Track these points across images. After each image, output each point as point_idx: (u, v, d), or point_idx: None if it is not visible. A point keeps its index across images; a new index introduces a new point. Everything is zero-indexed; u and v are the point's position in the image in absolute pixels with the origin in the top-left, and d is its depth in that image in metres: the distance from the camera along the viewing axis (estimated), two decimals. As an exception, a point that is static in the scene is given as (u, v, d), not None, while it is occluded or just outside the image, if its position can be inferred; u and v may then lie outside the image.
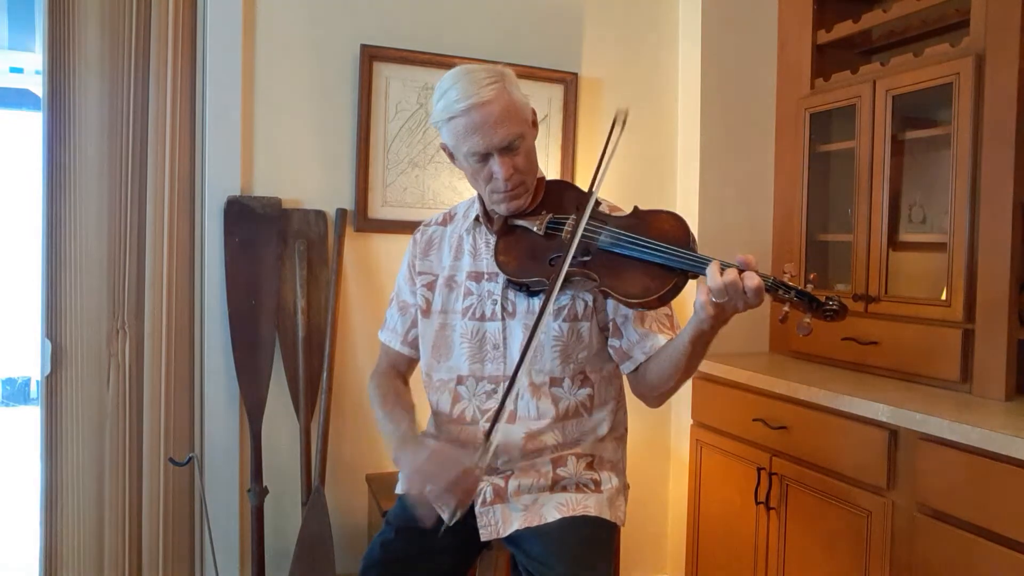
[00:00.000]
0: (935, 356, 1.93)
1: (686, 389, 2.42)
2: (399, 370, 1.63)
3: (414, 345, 1.59)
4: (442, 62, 2.33)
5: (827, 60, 2.37)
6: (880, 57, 2.37)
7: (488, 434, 1.31)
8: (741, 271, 1.19)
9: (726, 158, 2.55)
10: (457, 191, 2.38)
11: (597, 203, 1.43)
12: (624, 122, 1.35)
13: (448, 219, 1.61)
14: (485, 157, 1.38)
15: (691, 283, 1.32)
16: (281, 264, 2.19)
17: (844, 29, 2.27)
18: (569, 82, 2.47)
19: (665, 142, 2.64)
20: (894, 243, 2.10)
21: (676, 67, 2.65)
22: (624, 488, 1.55)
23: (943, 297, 1.92)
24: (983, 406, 1.73)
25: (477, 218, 1.53)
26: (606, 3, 2.56)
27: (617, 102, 2.56)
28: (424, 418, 1.60)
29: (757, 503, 2.09)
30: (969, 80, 1.83)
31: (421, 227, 1.63)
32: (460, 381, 1.49)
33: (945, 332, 1.90)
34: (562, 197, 1.49)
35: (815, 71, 2.37)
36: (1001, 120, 1.78)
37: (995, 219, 1.80)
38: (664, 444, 2.67)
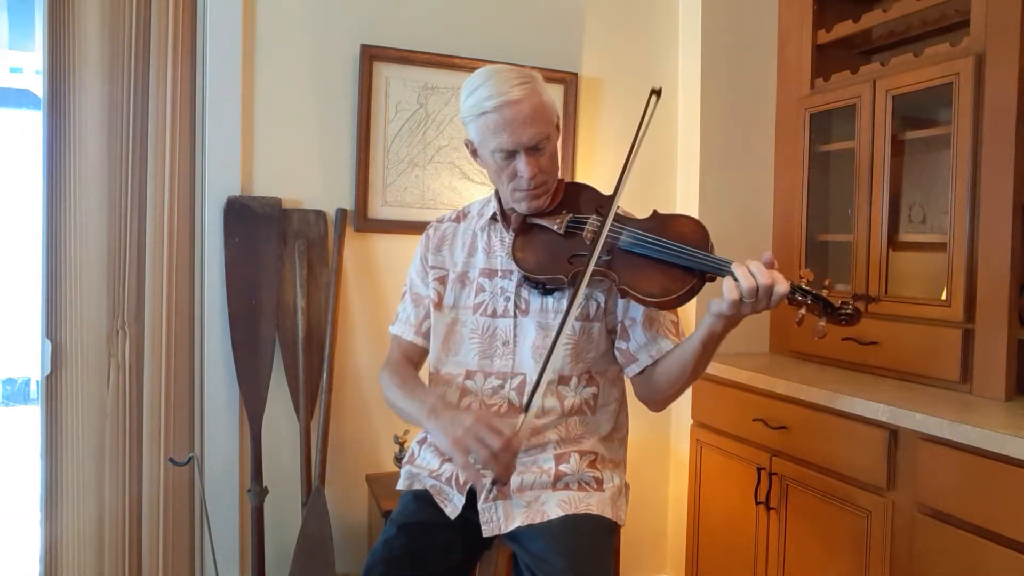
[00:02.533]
0: (935, 356, 1.93)
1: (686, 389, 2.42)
2: (412, 360, 1.62)
3: (428, 336, 1.59)
4: (442, 62, 2.33)
5: (827, 60, 2.37)
6: (880, 57, 2.36)
7: (527, 405, 1.33)
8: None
9: (726, 158, 2.55)
10: (457, 191, 2.38)
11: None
12: (659, 94, 1.38)
13: (461, 217, 1.63)
14: (511, 155, 1.41)
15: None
16: (281, 264, 2.19)
17: (844, 29, 2.27)
18: (569, 82, 2.47)
19: (665, 142, 2.64)
20: (894, 243, 2.10)
21: (676, 67, 2.65)
22: (625, 488, 1.55)
23: (943, 297, 1.92)
24: (983, 406, 1.73)
25: (493, 216, 1.55)
26: (606, 3, 2.56)
27: (617, 102, 2.57)
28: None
29: (757, 503, 2.09)
30: (969, 80, 1.83)
31: (434, 223, 1.65)
32: (468, 376, 1.50)
33: (945, 332, 1.90)
34: (580, 198, 1.52)
35: (815, 71, 2.37)
36: (1001, 120, 1.78)
37: (995, 219, 1.80)
38: (664, 444, 2.67)
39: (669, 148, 2.65)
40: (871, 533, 1.77)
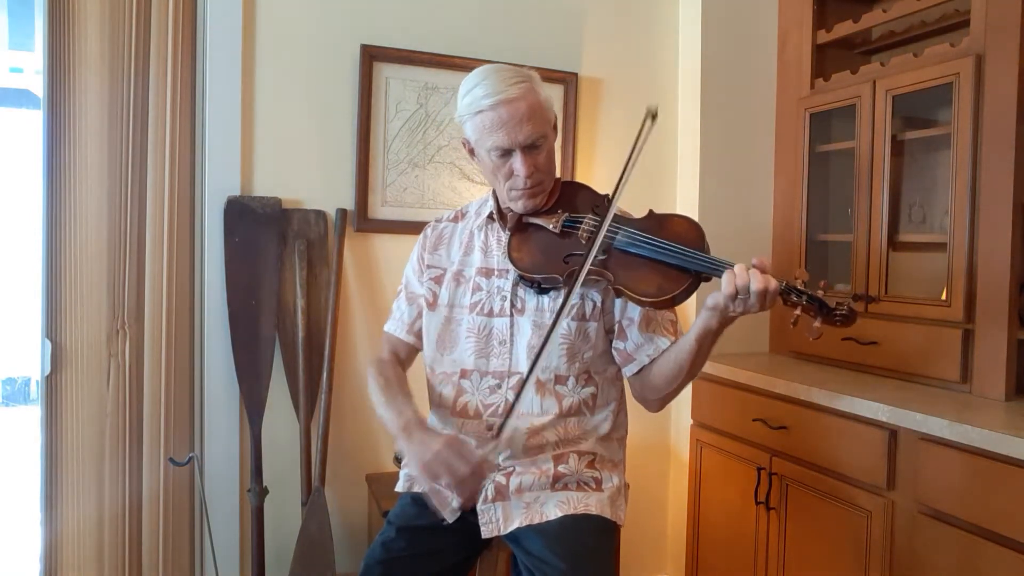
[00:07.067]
0: (935, 356, 1.93)
1: (686, 389, 2.41)
2: (400, 357, 1.64)
3: (418, 335, 1.60)
4: (442, 62, 2.33)
5: (827, 60, 2.37)
6: (880, 57, 2.37)
7: (499, 429, 1.34)
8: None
9: (726, 158, 2.55)
10: (457, 191, 2.38)
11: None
12: (655, 117, 1.36)
13: (460, 216, 1.64)
14: (507, 153, 1.41)
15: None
16: (281, 264, 2.19)
17: (844, 29, 2.27)
18: (569, 82, 2.47)
19: (665, 142, 2.64)
20: (894, 243, 2.10)
21: (676, 67, 2.65)
22: (624, 488, 1.55)
23: (943, 297, 1.92)
24: (983, 406, 1.73)
25: (490, 215, 1.55)
26: (606, 3, 2.56)
27: (617, 102, 2.57)
28: (423, 413, 1.60)
29: (757, 503, 2.09)
30: (969, 80, 1.83)
31: (432, 222, 1.66)
32: (464, 375, 1.50)
33: (945, 332, 1.90)
34: (576, 197, 1.52)
35: (815, 71, 2.37)
36: (1001, 120, 1.78)
37: (995, 219, 1.80)
38: (664, 444, 2.67)
39: (669, 148, 2.65)
40: (871, 533, 1.77)
